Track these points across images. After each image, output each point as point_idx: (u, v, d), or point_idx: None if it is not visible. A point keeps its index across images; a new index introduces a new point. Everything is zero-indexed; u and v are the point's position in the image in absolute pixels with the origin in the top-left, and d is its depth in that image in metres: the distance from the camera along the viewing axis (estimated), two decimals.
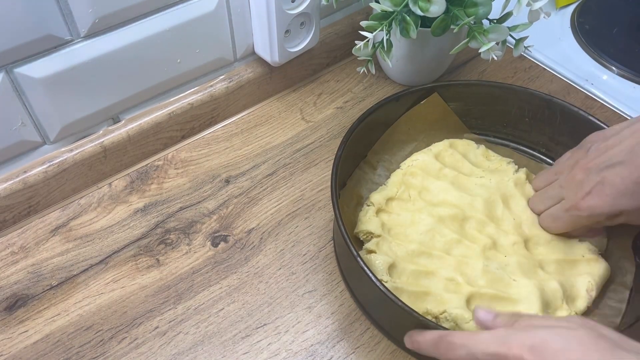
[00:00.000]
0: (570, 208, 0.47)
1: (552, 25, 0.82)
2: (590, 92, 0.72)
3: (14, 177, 0.56)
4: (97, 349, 0.50)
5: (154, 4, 0.56)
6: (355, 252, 0.44)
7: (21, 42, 0.50)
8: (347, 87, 0.73)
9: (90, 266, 0.56)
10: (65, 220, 0.59)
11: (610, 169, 0.43)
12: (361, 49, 0.60)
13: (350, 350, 0.50)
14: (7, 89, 0.51)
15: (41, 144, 0.58)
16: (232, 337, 0.51)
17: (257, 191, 0.62)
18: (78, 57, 0.54)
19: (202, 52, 0.63)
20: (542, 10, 0.54)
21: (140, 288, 0.54)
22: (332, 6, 0.72)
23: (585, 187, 0.45)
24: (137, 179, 0.63)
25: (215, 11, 0.61)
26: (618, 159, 0.43)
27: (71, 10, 0.51)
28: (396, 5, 0.57)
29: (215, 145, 0.67)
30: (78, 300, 0.53)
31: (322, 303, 0.53)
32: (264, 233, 0.58)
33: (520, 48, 0.59)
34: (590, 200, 0.44)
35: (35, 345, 0.50)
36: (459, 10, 0.57)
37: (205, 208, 0.60)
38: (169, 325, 0.52)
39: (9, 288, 0.54)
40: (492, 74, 0.75)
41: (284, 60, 0.67)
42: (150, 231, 0.58)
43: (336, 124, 0.69)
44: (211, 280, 0.55)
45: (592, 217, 0.46)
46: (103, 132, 0.61)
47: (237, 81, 0.67)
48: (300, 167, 0.64)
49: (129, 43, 0.56)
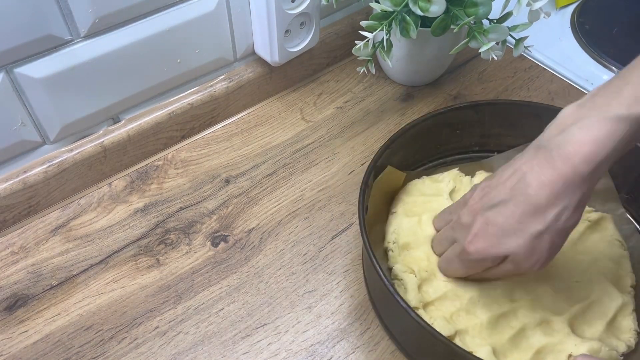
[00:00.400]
0: (460, 252, 0.45)
1: (552, 25, 0.82)
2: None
3: (14, 177, 0.56)
4: (97, 349, 0.50)
5: (154, 4, 0.56)
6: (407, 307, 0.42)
7: (21, 42, 0.50)
8: (347, 87, 0.73)
9: (90, 266, 0.56)
10: (65, 220, 0.59)
11: (493, 208, 0.42)
12: (361, 49, 0.60)
13: (350, 350, 0.50)
14: (7, 89, 0.51)
15: (41, 144, 0.58)
16: (232, 337, 0.51)
17: (257, 191, 0.62)
18: (78, 57, 0.54)
19: (202, 52, 0.63)
20: (542, 10, 0.54)
21: (140, 288, 0.54)
22: (332, 6, 0.72)
23: (472, 230, 0.43)
24: (137, 179, 0.63)
25: (215, 11, 0.61)
26: (500, 198, 0.42)
27: (71, 10, 0.51)
28: (396, 5, 0.57)
29: (215, 145, 0.67)
30: (78, 300, 0.53)
31: (322, 303, 0.53)
32: (264, 233, 0.58)
33: (520, 48, 0.59)
34: (477, 243, 0.43)
35: (35, 345, 0.50)
36: (459, 10, 0.57)
37: (205, 208, 0.60)
38: (169, 325, 0.52)
39: (9, 288, 0.54)
40: (492, 74, 0.75)
41: (284, 60, 0.67)
42: (150, 231, 0.58)
43: (336, 124, 0.69)
44: (211, 280, 0.55)
45: (481, 262, 0.44)
46: (103, 132, 0.61)
47: (237, 81, 0.67)
48: (300, 167, 0.64)
49: (129, 43, 0.56)
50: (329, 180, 0.63)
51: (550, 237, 0.40)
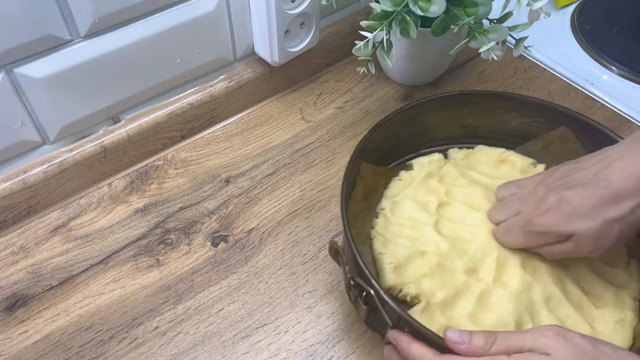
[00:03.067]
0: (525, 223, 0.46)
1: (552, 25, 0.82)
2: (590, 92, 0.72)
3: (14, 177, 0.56)
4: (97, 349, 0.50)
5: (154, 4, 0.56)
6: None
7: (21, 42, 0.50)
8: (347, 87, 0.73)
9: (90, 266, 0.56)
10: (65, 220, 0.59)
11: (572, 189, 0.43)
12: (361, 49, 0.60)
13: (350, 350, 0.50)
14: (7, 89, 0.51)
15: (41, 144, 0.58)
16: (232, 337, 0.51)
17: (257, 191, 0.62)
18: (78, 57, 0.54)
19: (202, 52, 0.63)
20: (542, 10, 0.54)
21: (140, 288, 0.54)
22: (332, 6, 0.72)
23: (544, 204, 0.44)
24: (137, 179, 0.63)
25: (215, 11, 0.61)
26: (581, 181, 0.43)
27: (71, 10, 0.51)
28: (396, 5, 0.57)
29: (215, 145, 0.67)
30: (78, 300, 0.53)
31: (322, 303, 0.53)
32: (264, 233, 0.58)
33: (520, 48, 0.59)
34: (546, 217, 0.44)
35: (35, 345, 0.50)
36: (459, 10, 0.57)
37: (205, 208, 0.60)
38: (169, 325, 0.52)
39: (9, 288, 0.54)
40: (492, 74, 0.75)
41: (284, 60, 0.67)
42: (150, 231, 0.58)
43: (336, 124, 0.69)
44: (211, 280, 0.55)
45: (544, 236, 0.44)
46: (103, 132, 0.61)
47: (237, 81, 0.67)
48: (300, 167, 0.64)
49: (129, 43, 0.56)
50: (329, 180, 0.63)
51: (621, 226, 0.41)
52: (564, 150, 0.56)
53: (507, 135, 0.60)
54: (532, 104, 0.57)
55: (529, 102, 0.57)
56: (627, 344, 0.47)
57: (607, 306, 0.48)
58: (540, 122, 0.58)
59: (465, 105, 0.58)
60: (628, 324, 0.47)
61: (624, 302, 0.48)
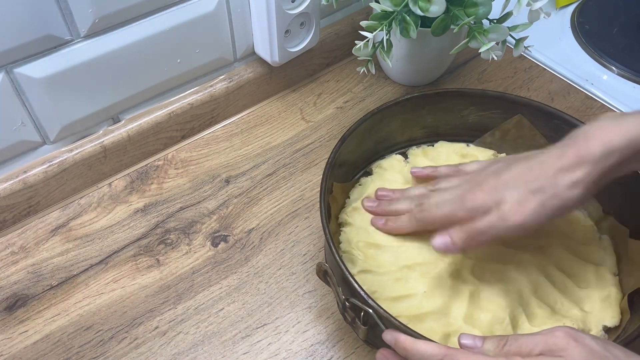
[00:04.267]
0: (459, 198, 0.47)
1: (552, 25, 0.82)
2: (590, 92, 0.72)
3: (14, 177, 0.56)
4: (97, 349, 0.50)
5: (154, 4, 0.56)
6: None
7: (21, 42, 0.50)
8: (347, 87, 0.73)
9: (90, 266, 0.56)
10: (65, 220, 0.59)
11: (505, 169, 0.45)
12: (361, 49, 0.60)
13: (350, 350, 0.50)
14: (7, 89, 0.51)
15: (41, 144, 0.58)
16: (232, 337, 0.51)
17: (257, 191, 0.62)
18: (78, 57, 0.54)
19: (202, 52, 0.63)
20: (542, 10, 0.54)
21: (140, 288, 0.54)
22: (332, 6, 0.72)
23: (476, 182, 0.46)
24: (137, 179, 0.63)
25: (215, 11, 0.61)
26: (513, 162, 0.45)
27: (71, 10, 0.51)
28: (396, 5, 0.57)
29: (215, 145, 0.67)
30: (78, 300, 0.53)
31: (322, 303, 0.53)
32: (264, 233, 0.58)
33: (520, 48, 0.59)
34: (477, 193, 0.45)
35: (35, 345, 0.50)
36: (459, 10, 0.57)
37: (205, 208, 0.60)
38: (169, 325, 0.52)
39: (9, 288, 0.54)
40: (492, 74, 0.75)
41: (284, 60, 0.67)
42: (150, 231, 0.58)
43: (336, 124, 0.69)
44: (211, 280, 0.55)
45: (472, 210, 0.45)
46: (103, 132, 0.61)
47: (237, 81, 0.67)
48: (300, 167, 0.64)
49: (129, 43, 0.56)
50: None
51: (544, 197, 0.42)
52: (521, 137, 0.58)
53: (467, 130, 0.61)
54: (488, 97, 0.58)
55: (485, 95, 0.58)
56: (616, 319, 0.47)
57: (590, 286, 0.49)
58: (497, 114, 0.59)
59: (424, 106, 0.59)
60: (614, 300, 0.48)
61: (605, 278, 0.49)
